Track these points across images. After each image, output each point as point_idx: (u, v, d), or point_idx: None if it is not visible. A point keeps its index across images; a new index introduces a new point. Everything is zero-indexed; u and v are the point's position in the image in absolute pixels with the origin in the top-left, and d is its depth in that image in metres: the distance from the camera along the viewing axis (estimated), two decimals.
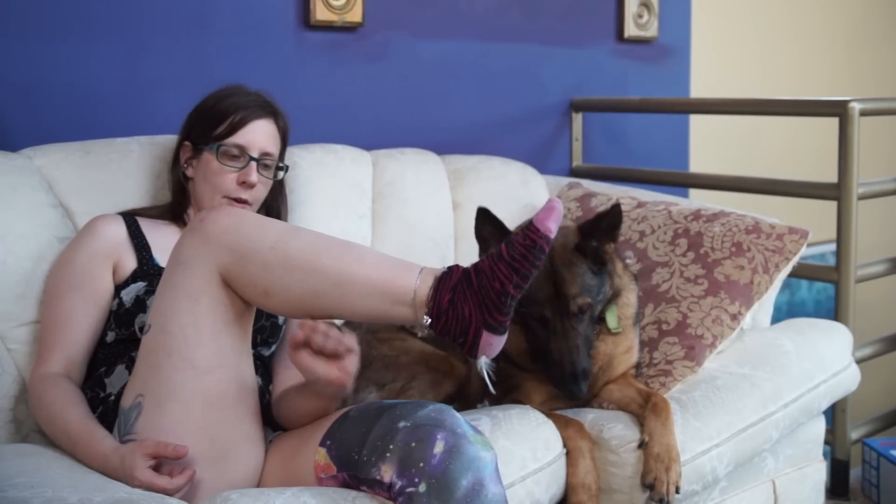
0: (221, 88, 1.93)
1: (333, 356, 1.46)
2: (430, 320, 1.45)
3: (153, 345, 1.51)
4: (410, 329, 2.08)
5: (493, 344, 1.47)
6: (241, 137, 1.86)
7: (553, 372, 1.83)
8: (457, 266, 1.49)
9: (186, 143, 1.91)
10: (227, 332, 1.51)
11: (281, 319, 1.88)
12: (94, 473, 1.53)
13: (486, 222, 1.85)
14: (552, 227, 1.44)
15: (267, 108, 1.91)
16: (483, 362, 1.49)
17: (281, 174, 1.96)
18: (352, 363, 1.48)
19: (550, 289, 1.81)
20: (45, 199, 1.90)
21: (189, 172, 1.91)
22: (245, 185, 1.85)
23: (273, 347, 1.87)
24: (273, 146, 1.91)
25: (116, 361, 1.71)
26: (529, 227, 1.45)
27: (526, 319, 1.83)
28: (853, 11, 3.97)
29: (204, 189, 1.87)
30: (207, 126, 1.88)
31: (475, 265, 1.48)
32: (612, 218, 1.86)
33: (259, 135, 1.88)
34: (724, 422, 1.90)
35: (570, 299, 1.81)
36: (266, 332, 1.83)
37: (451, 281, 1.46)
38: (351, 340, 1.47)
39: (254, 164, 1.86)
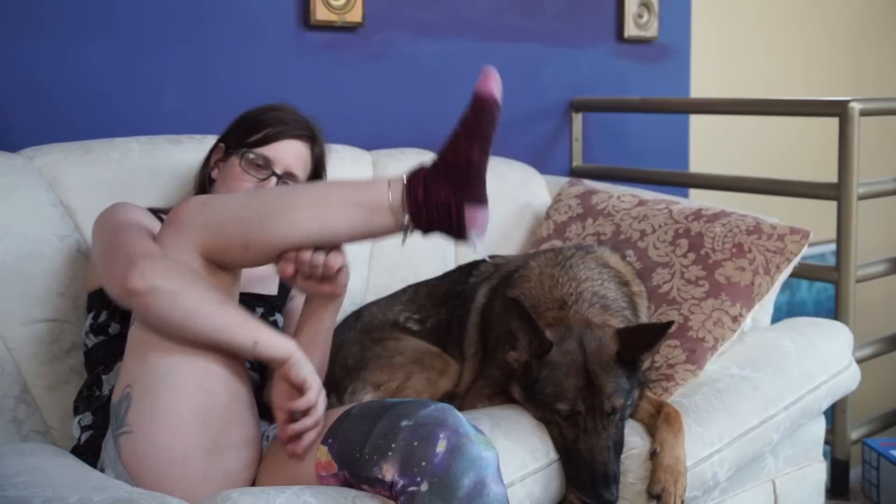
0: (273, 103, 1.93)
1: (325, 278, 1.56)
2: (409, 217, 1.51)
3: (139, 335, 1.52)
4: (403, 324, 2.07)
5: (478, 217, 1.54)
6: (269, 150, 1.85)
7: (581, 473, 1.71)
8: (420, 166, 1.55)
9: (221, 144, 1.92)
10: None
11: (280, 321, 1.88)
12: (95, 472, 1.53)
13: (515, 316, 1.77)
14: (493, 88, 1.53)
15: (306, 131, 1.90)
16: (475, 239, 1.54)
17: None
18: (343, 277, 1.59)
19: (583, 387, 1.73)
20: (44, 199, 1.90)
21: (214, 174, 1.91)
22: None
23: None
24: (300, 170, 1.89)
25: (116, 359, 1.71)
26: (473, 98, 1.53)
27: (553, 418, 1.76)
28: (853, 12, 3.97)
29: (220, 192, 1.86)
30: (243, 132, 1.88)
31: (437, 155, 1.54)
32: (658, 332, 1.78)
33: (289, 153, 1.87)
34: (725, 426, 1.89)
35: (605, 398, 1.72)
36: None
37: (420, 176, 1.52)
38: (336, 259, 1.54)
39: (274, 179, 1.84)
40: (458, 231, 1.52)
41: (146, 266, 1.46)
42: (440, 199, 1.50)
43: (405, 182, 1.52)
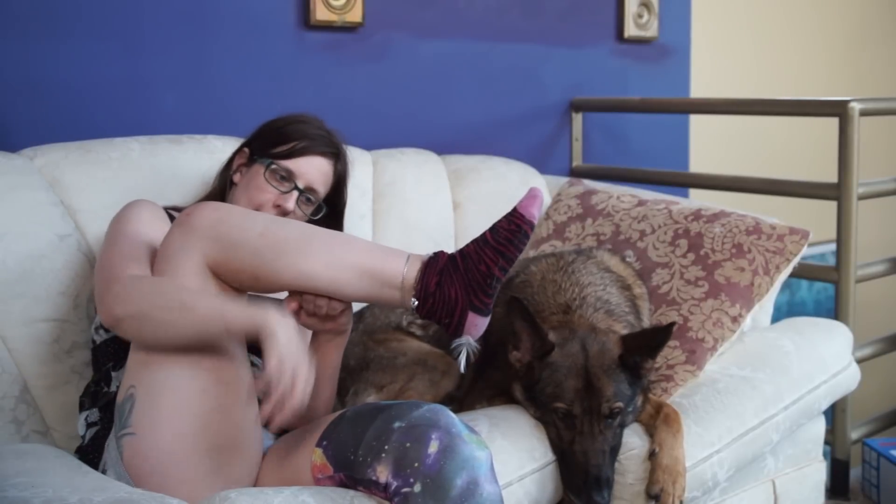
0: (300, 113, 1.94)
1: (328, 317, 1.57)
2: (417, 303, 1.52)
3: None
4: (406, 328, 2.08)
5: (478, 325, 1.55)
6: (295, 164, 1.86)
7: (574, 475, 1.72)
8: (442, 252, 1.55)
9: (245, 149, 1.92)
10: None
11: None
12: (95, 473, 1.53)
13: (519, 317, 1.78)
14: (535, 213, 1.53)
15: (332, 148, 1.91)
16: (465, 340, 1.55)
17: (318, 214, 1.92)
18: (345, 317, 1.60)
19: (582, 388, 1.74)
20: (44, 199, 1.90)
21: (236, 178, 1.92)
22: (279, 209, 1.84)
23: None
24: (322, 186, 1.90)
25: (125, 356, 1.70)
26: (514, 214, 1.53)
27: (551, 419, 1.77)
28: (853, 11, 3.97)
29: (241, 198, 1.87)
30: (270, 141, 1.88)
31: (461, 251, 1.54)
32: (661, 336, 1.78)
33: (313, 169, 1.87)
34: (725, 427, 1.90)
35: (604, 401, 1.73)
36: None
37: (437, 265, 1.53)
38: (339, 304, 1.55)
39: (296, 193, 1.85)
40: (454, 329, 1.54)
41: (111, 298, 1.52)
42: (449, 297, 1.52)
43: (421, 267, 1.53)
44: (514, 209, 1.53)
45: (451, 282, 1.52)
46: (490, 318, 1.99)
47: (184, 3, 2.36)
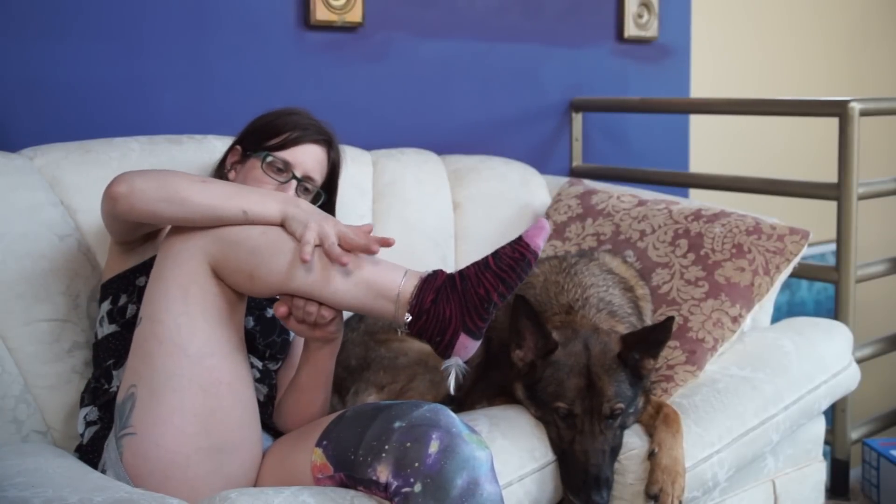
0: (288, 107, 1.95)
1: (315, 325, 1.56)
2: (410, 318, 1.50)
3: (145, 335, 1.52)
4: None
5: (468, 347, 1.53)
6: (290, 154, 1.86)
7: (573, 474, 1.72)
8: (441, 271, 1.54)
9: (237, 147, 1.93)
10: (218, 322, 1.52)
11: (291, 336, 1.89)
12: (95, 473, 1.53)
13: (523, 315, 1.78)
14: (540, 244, 1.51)
15: (324, 136, 1.92)
16: (454, 361, 1.53)
17: (317, 202, 1.92)
18: (335, 325, 1.58)
19: (584, 388, 1.74)
20: (44, 199, 1.91)
21: (230, 176, 1.92)
22: None
23: (280, 363, 1.87)
24: (318, 173, 1.90)
25: (126, 353, 1.70)
26: (519, 242, 1.51)
27: (552, 418, 1.77)
28: (853, 11, 3.97)
29: None
30: (262, 135, 1.89)
31: (460, 272, 1.53)
32: (659, 333, 1.79)
33: (308, 157, 1.88)
34: (725, 427, 1.89)
35: (605, 401, 1.73)
36: (276, 348, 1.84)
37: (435, 283, 1.52)
38: (329, 311, 1.54)
39: (294, 182, 1.85)
40: (443, 349, 1.52)
41: (128, 174, 1.54)
42: (444, 316, 1.50)
43: (418, 282, 1.52)
44: (520, 237, 1.52)
45: (447, 301, 1.50)
46: (493, 322, 1.99)
47: (183, 3, 2.36)
